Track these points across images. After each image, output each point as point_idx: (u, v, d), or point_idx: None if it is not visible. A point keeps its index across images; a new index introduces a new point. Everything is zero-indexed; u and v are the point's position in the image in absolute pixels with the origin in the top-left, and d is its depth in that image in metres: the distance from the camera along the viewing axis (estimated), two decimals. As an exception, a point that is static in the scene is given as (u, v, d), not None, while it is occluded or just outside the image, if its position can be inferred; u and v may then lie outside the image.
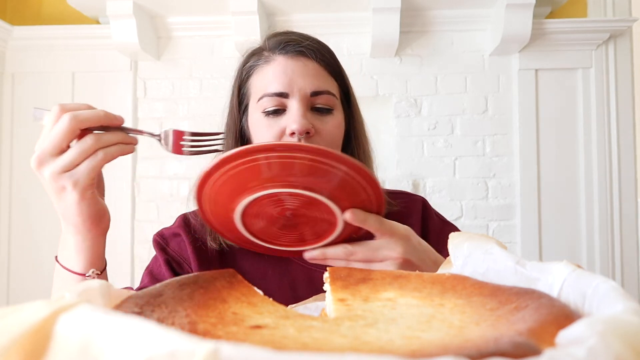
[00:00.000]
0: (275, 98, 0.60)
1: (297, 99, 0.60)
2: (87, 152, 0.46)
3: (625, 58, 1.73)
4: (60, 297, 0.22)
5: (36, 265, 1.77)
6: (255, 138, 0.64)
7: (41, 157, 0.46)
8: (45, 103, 1.79)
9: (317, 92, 0.61)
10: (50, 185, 0.47)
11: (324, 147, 0.42)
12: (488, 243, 0.33)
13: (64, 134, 0.45)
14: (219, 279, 0.29)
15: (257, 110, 0.62)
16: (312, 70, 0.62)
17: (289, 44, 0.62)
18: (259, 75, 0.63)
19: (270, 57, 0.63)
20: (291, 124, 0.59)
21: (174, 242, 0.68)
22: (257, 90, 0.63)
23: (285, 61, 0.61)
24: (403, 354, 0.18)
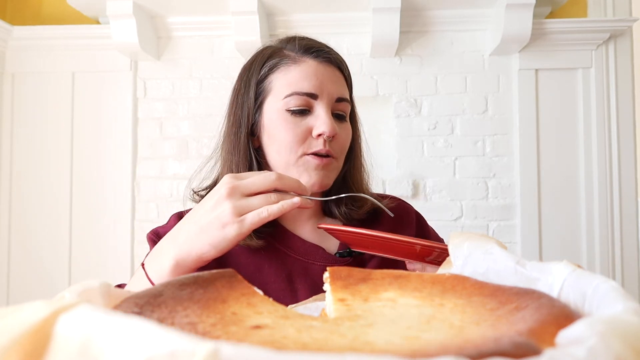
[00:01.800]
0: (304, 97, 0.62)
1: (325, 102, 0.63)
2: (267, 205, 0.49)
3: (626, 58, 1.73)
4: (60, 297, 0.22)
5: (36, 265, 1.77)
6: (275, 134, 0.64)
7: (234, 190, 0.49)
8: (45, 103, 1.80)
9: (341, 99, 0.65)
10: (220, 213, 0.48)
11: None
12: (488, 243, 0.33)
13: (264, 186, 0.50)
14: (219, 279, 0.29)
15: (281, 107, 0.63)
16: (338, 78, 0.65)
17: (321, 51, 0.65)
18: (285, 73, 0.64)
19: (298, 59, 0.64)
20: (321, 125, 0.61)
21: None
22: (282, 87, 0.63)
23: (316, 65, 0.64)
24: (403, 354, 0.18)
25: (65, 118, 1.79)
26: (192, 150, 1.79)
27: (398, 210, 0.74)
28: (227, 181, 0.50)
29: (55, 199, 1.78)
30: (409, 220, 0.75)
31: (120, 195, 1.78)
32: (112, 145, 1.79)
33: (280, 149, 0.64)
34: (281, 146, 0.63)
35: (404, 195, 1.70)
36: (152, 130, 1.80)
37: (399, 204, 0.77)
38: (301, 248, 0.67)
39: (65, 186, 1.78)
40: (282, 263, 0.66)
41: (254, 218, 0.48)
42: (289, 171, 0.64)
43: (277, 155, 0.65)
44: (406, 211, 0.76)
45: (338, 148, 0.64)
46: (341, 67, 0.67)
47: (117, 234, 1.77)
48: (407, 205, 0.78)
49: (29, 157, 1.80)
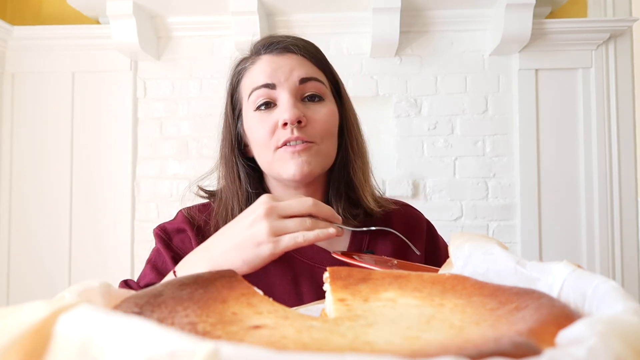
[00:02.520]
0: (262, 90, 0.61)
1: (286, 89, 0.61)
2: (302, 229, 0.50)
3: (626, 58, 1.73)
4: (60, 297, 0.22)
5: (36, 265, 1.77)
6: (252, 137, 0.64)
7: (272, 210, 0.50)
8: (45, 103, 1.80)
9: (305, 79, 0.62)
10: (256, 231, 0.49)
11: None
12: (489, 244, 0.33)
13: (300, 211, 0.50)
14: (219, 279, 0.29)
15: (250, 109, 0.63)
16: (298, 61, 0.63)
17: (273, 43, 0.64)
18: (247, 76, 0.65)
19: (256, 58, 0.65)
20: (282, 114, 0.60)
21: (177, 238, 0.67)
22: (246, 90, 0.64)
23: (270, 58, 0.63)
24: (403, 354, 0.18)
25: (65, 118, 1.79)
26: (192, 150, 1.79)
27: (408, 218, 0.74)
28: (265, 201, 0.50)
29: (55, 199, 1.78)
30: (420, 230, 0.74)
31: (120, 195, 1.78)
32: (112, 145, 1.79)
33: (259, 150, 0.64)
34: (258, 146, 0.63)
35: (404, 195, 1.70)
36: (152, 130, 1.80)
37: (409, 212, 0.76)
38: (308, 251, 0.66)
39: (65, 186, 1.78)
40: (288, 265, 0.65)
41: (290, 241, 0.49)
42: (273, 169, 0.63)
43: (259, 158, 0.65)
44: (417, 220, 0.75)
45: (315, 132, 0.61)
46: (299, 52, 0.64)
47: (117, 234, 1.77)
48: (417, 213, 0.77)
49: (29, 157, 1.80)
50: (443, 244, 0.76)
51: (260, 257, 0.49)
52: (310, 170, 0.61)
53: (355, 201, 0.69)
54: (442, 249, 0.75)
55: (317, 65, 0.65)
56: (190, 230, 0.66)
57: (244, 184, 0.67)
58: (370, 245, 0.69)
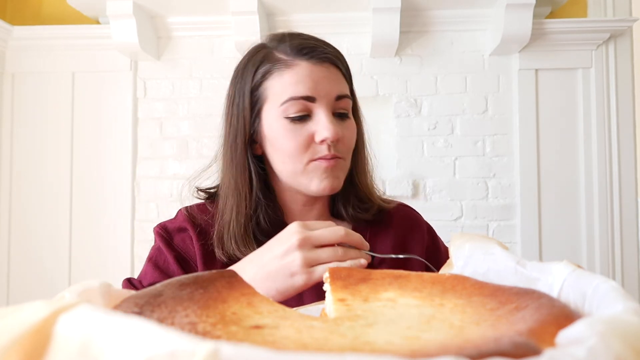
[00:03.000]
0: (301, 102, 0.60)
1: (324, 104, 0.60)
2: (335, 259, 0.50)
3: (626, 58, 1.73)
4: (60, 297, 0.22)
5: (36, 265, 1.77)
6: (277, 143, 0.62)
7: (306, 241, 0.50)
8: (45, 103, 1.80)
9: (340, 96, 0.62)
10: (290, 262, 0.50)
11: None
12: (489, 244, 0.33)
13: (333, 240, 0.51)
14: (219, 279, 0.29)
15: (279, 114, 0.61)
16: (335, 75, 0.63)
17: (314, 50, 0.62)
18: (279, 79, 0.61)
19: (291, 62, 0.61)
20: (323, 131, 0.59)
21: (178, 238, 0.66)
22: (277, 94, 0.61)
23: (310, 66, 0.61)
24: (403, 354, 0.18)
25: (65, 118, 1.79)
26: (192, 150, 1.79)
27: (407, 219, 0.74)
28: (298, 230, 0.50)
29: (55, 199, 1.78)
30: (420, 231, 0.74)
31: (120, 195, 1.78)
32: (112, 145, 1.79)
33: (285, 159, 0.62)
34: (285, 155, 0.62)
35: (404, 195, 1.70)
36: (152, 130, 1.80)
37: (408, 213, 0.76)
38: None
39: (65, 186, 1.78)
40: None
41: (323, 272, 0.49)
42: (298, 179, 0.63)
43: (283, 165, 0.63)
44: (418, 222, 0.75)
45: (344, 148, 0.63)
46: (337, 63, 0.64)
47: (117, 234, 1.77)
48: (417, 215, 0.77)
49: (29, 157, 1.80)
50: (443, 246, 0.76)
51: (294, 287, 0.50)
52: (338, 185, 0.63)
53: (363, 199, 0.70)
54: (442, 251, 0.75)
55: (347, 79, 0.66)
56: (191, 230, 0.66)
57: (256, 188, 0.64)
58: (370, 244, 0.69)
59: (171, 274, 0.63)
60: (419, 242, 0.73)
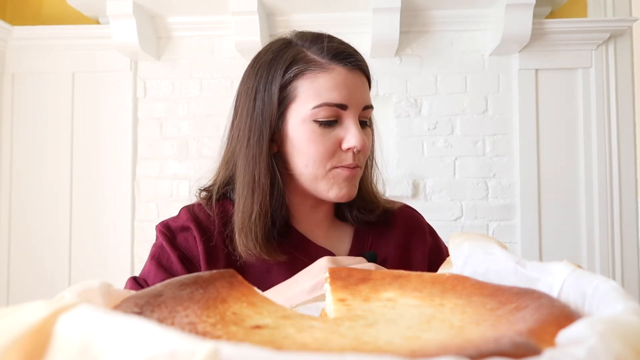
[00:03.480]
0: (334, 108, 0.60)
1: (354, 112, 0.61)
2: None
3: (625, 58, 1.73)
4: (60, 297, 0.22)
5: (36, 265, 1.77)
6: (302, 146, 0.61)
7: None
8: (45, 103, 1.80)
9: (367, 107, 0.63)
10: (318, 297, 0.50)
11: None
12: (489, 243, 0.33)
13: None
14: (219, 279, 0.29)
15: (308, 117, 0.60)
16: (364, 85, 0.64)
17: (350, 57, 0.62)
18: (313, 81, 0.60)
19: (327, 66, 0.60)
20: (352, 139, 0.60)
21: (181, 236, 0.66)
22: (310, 97, 0.60)
23: (346, 72, 0.61)
24: (403, 354, 0.18)
25: (65, 118, 1.79)
26: (192, 150, 1.79)
27: (410, 220, 0.74)
28: (328, 266, 0.51)
29: (55, 199, 1.78)
30: (422, 233, 0.74)
31: (120, 195, 1.78)
32: (112, 145, 1.79)
33: (309, 162, 0.61)
34: (309, 159, 0.61)
35: (404, 195, 1.70)
36: (152, 130, 1.80)
37: (411, 214, 0.76)
38: (312, 252, 0.66)
39: (65, 186, 1.78)
40: (291, 266, 0.65)
41: None
42: (317, 184, 0.63)
43: (305, 169, 0.62)
44: (419, 223, 0.75)
45: (363, 157, 0.64)
46: (367, 72, 0.65)
47: (117, 234, 1.77)
48: (419, 216, 0.77)
49: (29, 157, 1.80)
50: (445, 248, 0.76)
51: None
52: (354, 193, 0.64)
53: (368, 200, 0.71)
54: (444, 253, 0.74)
55: (370, 89, 0.66)
56: (195, 229, 0.65)
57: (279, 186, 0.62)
58: (372, 246, 0.69)
59: (174, 272, 0.63)
60: (421, 244, 0.73)
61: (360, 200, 0.69)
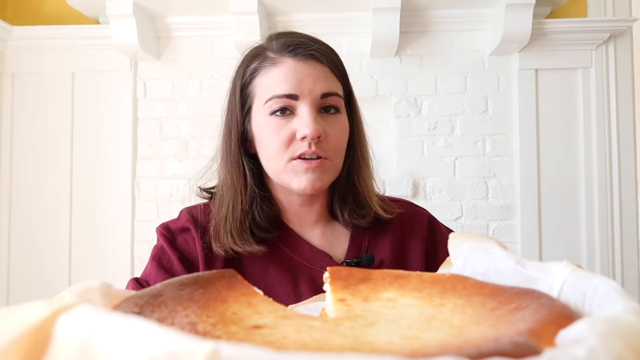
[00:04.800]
0: (284, 99, 0.60)
1: (307, 101, 0.60)
2: None
3: (626, 58, 1.73)
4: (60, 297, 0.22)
5: (36, 266, 1.77)
6: (263, 141, 0.62)
7: None
8: (46, 103, 1.80)
9: (327, 94, 0.61)
10: None
11: None
12: (488, 243, 0.33)
13: None
14: (219, 279, 0.29)
15: (264, 112, 0.61)
16: (322, 73, 0.62)
17: (299, 47, 0.61)
18: (265, 77, 0.62)
19: (277, 59, 0.62)
20: (303, 128, 0.58)
21: (181, 238, 0.66)
22: (263, 92, 0.62)
23: (294, 63, 0.60)
24: (403, 354, 0.18)
25: (65, 118, 1.79)
26: (192, 150, 1.79)
27: (408, 219, 0.72)
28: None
29: (55, 199, 1.78)
30: (420, 228, 0.72)
31: (120, 195, 1.78)
32: (112, 145, 1.79)
33: (270, 156, 0.62)
34: (270, 152, 0.62)
35: (404, 195, 1.70)
36: (152, 130, 1.80)
37: (410, 210, 0.74)
38: (308, 253, 0.66)
39: (65, 186, 1.78)
40: (288, 267, 0.65)
41: None
42: (280, 178, 0.62)
43: (268, 163, 0.63)
44: (416, 220, 0.73)
45: (330, 147, 0.61)
46: (324, 60, 0.62)
47: (117, 234, 1.77)
48: (419, 211, 0.75)
49: (29, 157, 1.80)
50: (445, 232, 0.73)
51: None
52: (321, 186, 0.62)
53: (361, 203, 0.69)
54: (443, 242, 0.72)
55: (337, 76, 0.64)
56: (194, 231, 0.66)
57: (250, 184, 0.65)
58: (369, 247, 0.69)
59: (175, 273, 0.63)
60: (418, 240, 0.71)
61: (352, 202, 0.68)
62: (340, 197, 0.68)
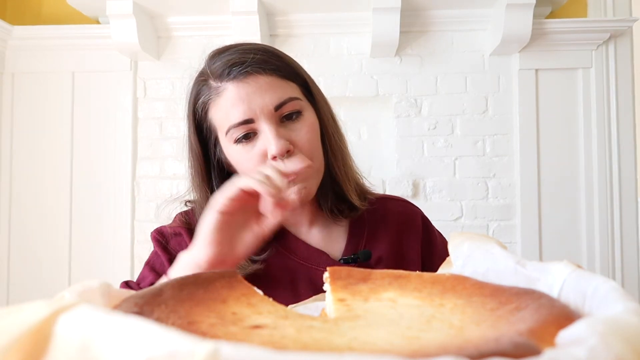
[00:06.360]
0: (241, 127, 0.58)
1: (264, 119, 0.58)
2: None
3: (626, 58, 1.73)
4: (60, 297, 0.22)
5: (36, 265, 1.77)
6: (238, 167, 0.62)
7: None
8: (45, 103, 1.80)
9: (280, 105, 0.59)
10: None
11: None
12: (488, 243, 0.33)
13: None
14: (219, 279, 0.29)
15: (229, 142, 0.60)
16: (267, 84, 0.59)
17: (234, 67, 0.59)
18: (216, 109, 0.61)
19: (219, 88, 0.60)
20: (270, 147, 0.57)
21: (174, 241, 0.68)
22: (220, 124, 0.60)
23: (235, 87, 0.58)
24: (403, 354, 0.18)
25: (65, 118, 1.79)
26: (192, 150, 1.79)
27: (404, 216, 0.73)
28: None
29: (55, 199, 1.78)
30: (415, 226, 0.73)
31: (120, 195, 1.78)
32: (112, 145, 1.79)
33: None
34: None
35: (404, 195, 1.70)
36: (152, 130, 1.80)
37: (405, 208, 0.75)
38: (305, 252, 0.66)
39: (65, 186, 1.78)
40: (286, 267, 0.65)
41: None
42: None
43: None
44: (412, 217, 0.74)
45: (304, 151, 0.59)
46: (263, 70, 0.59)
47: (117, 234, 1.77)
48: (414, 209, 0.76)
49: (29, 157, 1.80)
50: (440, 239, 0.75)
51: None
52: (307, 193, 0.60)
53: (341, 196, 0.68)
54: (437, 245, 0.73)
55: (286, 77, 0.61)
56: (186, 235, 0.67)
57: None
58: (367, 244, 0.69)
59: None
60: (414, 239, 0.72)
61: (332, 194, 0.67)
62: (322, 193, 0.67)
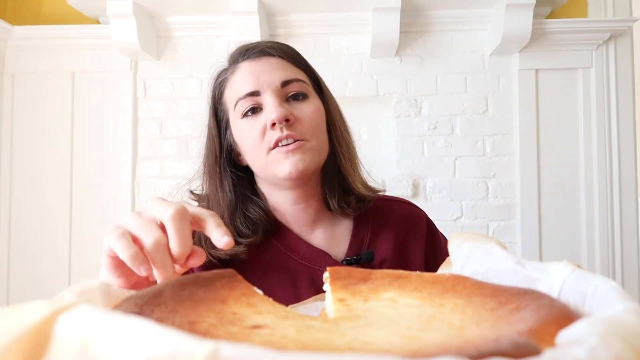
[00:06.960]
0: (248, 99, 0.62)
1: (269, 92, 0.61)
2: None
3: (626, 58, 1.73)
4: (60, 297, 0.22)
5: (36, 266, 1.77)
6: (242, 143, 0.64)
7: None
8: (45, 103, 1.80)
9: (287, 81, 0.63)
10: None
11: None
12: (488, 243, 0.33)
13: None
14: (219, 279, 0.29)
15: (237, 118, 0.63)
16: (277, 64, 0.64)
17: (251, 49, 0.65)
18: (229, 87, 0.65)
19: (235, 67, 0.65)
20: (269, 114, 0.60)
21: None
22: (231, 100, 0.65)
23: (249, 64, 0.64)
24: (403, 354, 0.18)
25: (65, 118, 1.79)
26: (192, 150, 1.79)
27: (409, 218, 0.73)
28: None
29: (55, 199, 1.78)
30: (420, 229, 0.73)
31: (120, 195, 1.78)
32: (112, 145, 1.79)
33: (252, 156, 0.64)
34: (250, 152, 0.63)
35: (404, 195, 1.70)
36: (152, 130, 1.80)
37: (410, 211, 0.75)
38: (306, 253, 0.66)
39: (65, 186, 1.78)
40: (287, 267, 0.65)
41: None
42: (267, 172, 0.63)
43: (253, 163, 0.65)
44: (417, 220, 0.74)
45: (304, 129, 0.61)
46: (277, 53, 0.65)
47: (117, 234, 1.77)
48: (419, 212, 0.76)
49: (29, 157, 1.80)
50: (444, 243, 0.75)
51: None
52: (305, 166, 0.61)
53: (347, 189, 0.69)
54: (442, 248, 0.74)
55: (296, 65, 0.66)
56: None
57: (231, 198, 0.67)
58: (370, 244, 0.69)
59: None
60: (418, 242, 0.72)
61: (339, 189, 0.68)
62: (329, 185, 0.68)
